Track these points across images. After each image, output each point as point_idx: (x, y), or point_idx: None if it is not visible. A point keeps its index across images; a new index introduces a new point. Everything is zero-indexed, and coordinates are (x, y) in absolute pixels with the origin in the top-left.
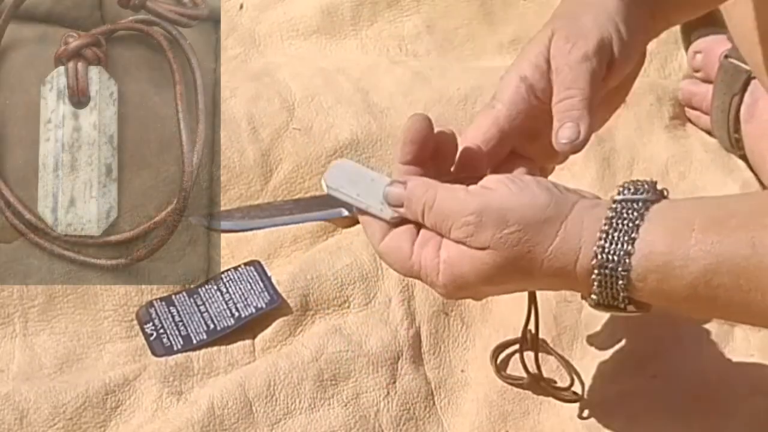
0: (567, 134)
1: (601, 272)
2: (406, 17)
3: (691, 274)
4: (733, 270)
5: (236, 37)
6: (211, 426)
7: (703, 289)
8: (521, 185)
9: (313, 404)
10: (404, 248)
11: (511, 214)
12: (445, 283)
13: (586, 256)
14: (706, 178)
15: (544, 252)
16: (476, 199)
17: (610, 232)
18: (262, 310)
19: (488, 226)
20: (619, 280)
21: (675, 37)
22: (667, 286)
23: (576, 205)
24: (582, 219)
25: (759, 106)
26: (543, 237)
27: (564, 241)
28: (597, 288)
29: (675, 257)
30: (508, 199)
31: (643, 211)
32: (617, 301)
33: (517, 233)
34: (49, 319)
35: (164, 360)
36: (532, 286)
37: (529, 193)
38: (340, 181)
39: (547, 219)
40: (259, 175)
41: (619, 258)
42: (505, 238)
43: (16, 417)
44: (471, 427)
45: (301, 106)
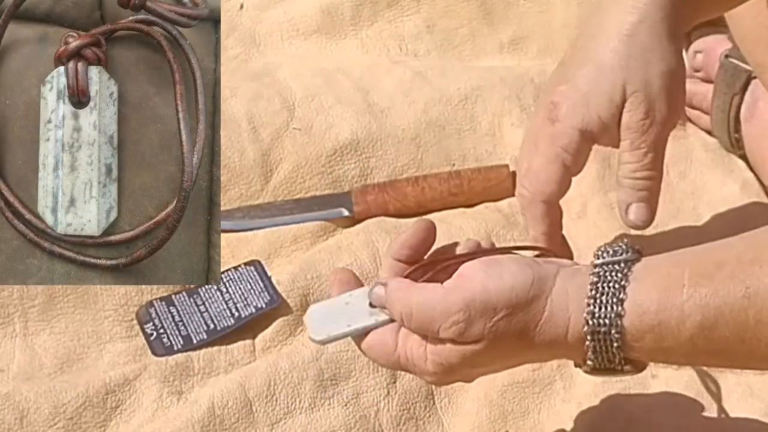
0: (642, 215)
1: (594, 338)
2: (407, 17)
3: (689, 330)
4: (731, 322)
5: (236, 37)
6: (211, 426)
7: (702, 344)
8: (499, 269)
9: (313, 404)
10: (388, 341)
11: (497, 301)
12: (435, 371)
13: (577, 324)
14: (706, 178)
15: (534, 329)
16: (458, 295)
17: (597, 297)
18: (262, 310)
19: (477, 319)
20: (614, 342)
21: None
22: (665, 344)
23: (557, 276)
24: (566, 289)
25: (759, 105)
26: (531, 315)
27: (552, 314)
28: (592, 354)
29: (669, 315)
30: (490, 286)
31: (627, 271)
32: (614, 364)
33: (507, 318)
34: (49, 319)
35: (164, 360)
36: (525, 361)
37: (510, 275)
38: (324, 326)
39: (533, 297)
40: (259, 175)
41: (610, 321)
42: (496, 326)
43: (17, 417)
44: (471, 427)
45: (301, 105)
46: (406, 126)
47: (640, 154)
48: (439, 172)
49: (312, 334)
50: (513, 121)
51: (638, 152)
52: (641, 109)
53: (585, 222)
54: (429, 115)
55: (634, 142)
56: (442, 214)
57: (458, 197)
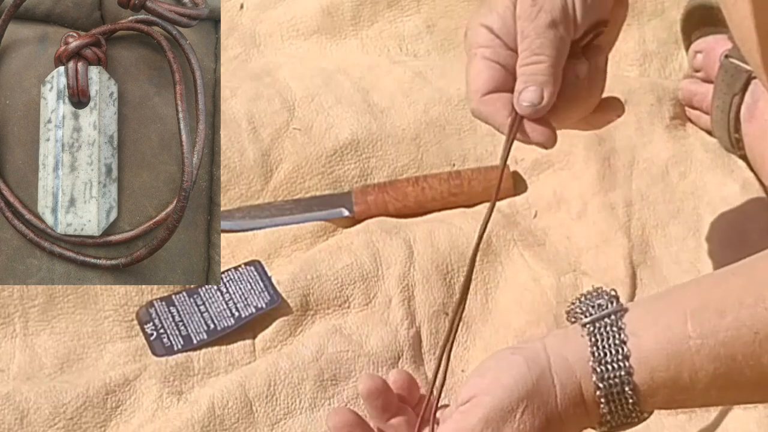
0: (530, 97)
1: (608, 400)
2: (407, 17)
3: (702, 382)
4: (745, 369)
5: (236, 37)
6: (212, 426)
7: (716, 394)
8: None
9: (313, 404)
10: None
11: (510, 401)
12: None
13: (588, 389)
14: (706, 178)
15: (556, 407)
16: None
17: (601, 359)
18: (262, 310)
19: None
20: (629, 400)
21: (675, 37)
22: (680, 397)
23: (546, 349)
24: (565, 357)
25: (759, 106)
26: (546, 395)
27: (564, 386)
28: (609, 416)
29: (681, 371)
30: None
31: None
32: (631, 418)
33: (528, 409)
34: (49, 319)
35: (164, 360)
36: None
37: (507, 372)
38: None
39: (538, 377)
40: (259, 175)
41: (621, 380)
42: (523, 422)
43: (17, 417)
44: None
45: (301, 105)
46: (406, 126)
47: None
48: (439, 172)
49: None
50: None
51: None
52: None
53: (585, 222)
54: (429, 115)
55: (524, 30)
56: (443, 214)
57: (458, 197)
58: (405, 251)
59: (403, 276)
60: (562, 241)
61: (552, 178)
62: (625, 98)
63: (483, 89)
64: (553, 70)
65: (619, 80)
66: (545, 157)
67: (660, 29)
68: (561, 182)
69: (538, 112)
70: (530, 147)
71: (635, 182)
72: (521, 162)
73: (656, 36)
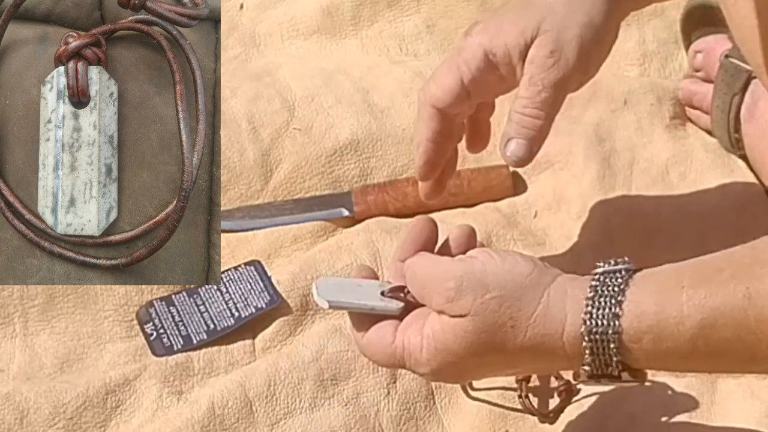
0: (518, 151)
1: (591, 338)
2: (407, 17)
3: (688, 332)
4: (731, 323)
5: (236, 37)
6: (212, 426)
7: (702, 345)
8: (504, 255)
9: (313, 404)
10: (386, 336)
11: (491, 280)
12: (428, 358)
13: (574, 323)
14: (706, 178)
15: (527, 319)
16: (458, 266)
17: (596, 299)
18: (262, 310)
19: (468, 292)
20: (611, 343)
21: (675, 37)
22: (664, 346)
23: (558, 276)
24: (565, 288)
25: (759, 106)
26: (525, 303)
27: (547, 308)
28: (589, 356)
29: (668, 315)
30: (489, 266)
31: (627, 277)
32: (611, 368)
33: (498, 299)
34: (49, 319)
35: (164, 360)
36: (519, 362)
37: (511, 261)
38: (334, 293)
39: (529, 285)
40: (259, 175)
41: (608, 321)
42: (486, 303)
43: (17, 417)
44: (471, 427)
45: (301, 105)
46: (406, 126)
47: (535, 90)
48: None
49: (322, 295)
50: None
51: (534, 88)
52: (548, 47)
53: (585, 222)
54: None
55: (533, 77)
56: (442, 214)
57: (458, 197)
58: None
59: None
60: (562, 241)
61: (552, 178)
62: (625, 98)
63: (440, 104)
64: (548, 129)
65: (619, 80)
66: (545, 157)
67: (660, 29)
68: (561, 182)
69: (519, 165)
70: None
71: (635, 182)
72: None
73: (656, 36)
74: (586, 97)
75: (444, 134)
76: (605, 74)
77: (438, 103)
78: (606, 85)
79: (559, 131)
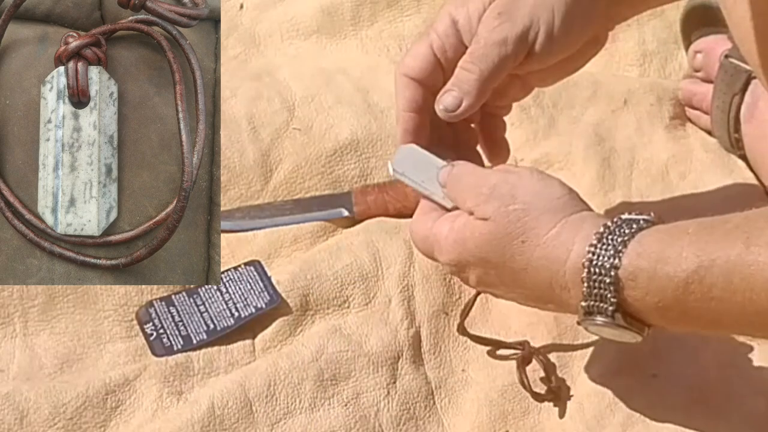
0: (448, 102)
1: (590, 269)
2: (406, 17)
3: (684, 272)
4: (726, 267)
5: (236, 37)
6: (211, 426)
7: (696, 288)
8: (544, 176)
9: (313, 404)
10: (428, 221)
11: (520, 193)
12: (447, 249)
13: (578, 254)
14: (706, 178)
15: (537, 238)
16: (495, 176)
17: (605, 235)
18: (262, 310)
19: (495, 199)
20: (607, 277)
21: (675, 37)
22: (658, 284)
23: (584, 211)
24: (583, 221)
25: (759, 106)
26: (541, 223)
27: (559, 234)
28: (586, 288)
29: (667, 254)
30: (523, 181)
31: (643, 226)
32: (606, 305)
33: (520, 211)
34: (49, 319)
35: (164, 360)
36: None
37: (546, 184)
38: (406, 166)
39: (552, 209)
40: (259, 175)
41: (609, 256)
42: (507, 213)
43: (16, 417)
44: (471, 427)
45: (301, 106)
46: None
47: (476, 47)
48: None
49: (394, 161)
50: (513, 121)
51: (475, 45)
52: (498, 9)
53: None
54: None
55: (478, 35)
56: None
57: None
58: (405, 251)
59: (402, 276)
60: None
61: None
62: (625, 98)
63: (412, 73)
64: (480, 85)
65: (619, 80)
66: (545, 157)
67: (660, 29)
68: None
69: (450, 118)
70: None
71: (635, 182)
72: (521, 162)
73: (656, 36)
74: (586, 97)
75: (420, 104)
76: (605, 74)
77: (410, 72)
78: (606, 85)
79: (559, 131)
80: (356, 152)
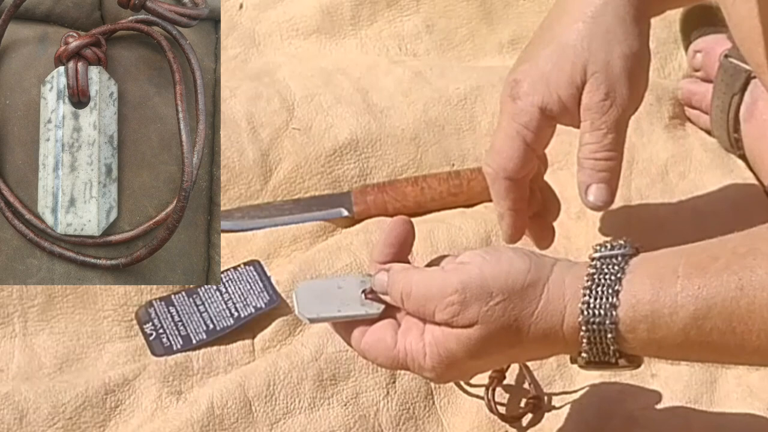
0: (600, 195)
1: (588, 328)
2: (406, 17)
3: (682, 321)
4: (723, 313)
5: (236, 37)
6: (211, 426)
7: (695, 335)
8: (497, 255)
9: (312, 404)
10: (387, 339)
11: (493, 285)
12: (433, 365)
13: (572, 314)
14: (705, 178)
15: (530, 317)
16: (455, 277)
17: (593, 288)
18: (262, 310)
19: (473, 302)
20: (608, 333)
21: (675, 37)
22: (658, 335)
23: (555, 266)
24: (563, 278)
25: (759, 105)
26: (527, 302)
27: (548, 302)
28: (586, 345)
29: (662, 305)
30: (486, 269)
31: (623, 264)
32: (608, 356)
33: (503, 303)
34: (48, 319)
35: (164, 360)
36: (522, 355)
37: (507, 261)
38: (313, 306)
39: (530, 284)
40: (259, 175)
41: (605, 311)
42: (492, 310)
43: (16, 417)
44: (470, 427)
45: (300, 105)
46: (405, 126)
47: (600, 134)
48: (439, 172)
49: (302, 310)
50: None
51: (598, 133)
52: (601, 90)
53: (585, 222)
54: (428, 115)
55: (594, 122)
56: (442, 214)
57: (458, 197)
58: None
59: None
60: (561, 241)
61: (552, 178)
62: None
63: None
64: (620, 166)
65: None
66: None
67: (659, 29)
68: (561, 182)
69: (604, 209)
70: None
71: (635, 182)
72: None
73: (655, 36)
74: None
75: (523, 198)
76: None
77: (512, 174)
78: None
79: (559, 131)
80: (355, 152)
